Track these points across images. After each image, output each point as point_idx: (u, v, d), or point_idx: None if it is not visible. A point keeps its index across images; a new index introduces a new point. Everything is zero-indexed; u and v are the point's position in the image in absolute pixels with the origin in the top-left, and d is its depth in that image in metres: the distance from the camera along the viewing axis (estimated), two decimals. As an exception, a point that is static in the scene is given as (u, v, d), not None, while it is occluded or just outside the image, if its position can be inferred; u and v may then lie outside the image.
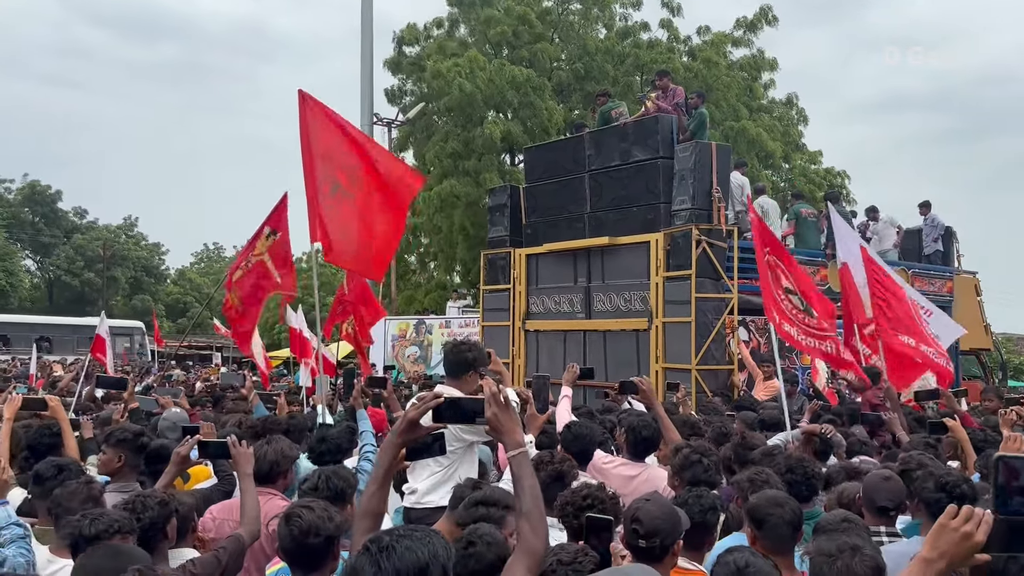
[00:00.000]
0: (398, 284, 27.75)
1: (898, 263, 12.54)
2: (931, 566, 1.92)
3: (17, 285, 52.08)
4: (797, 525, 3.12)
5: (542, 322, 11.67)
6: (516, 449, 2.38)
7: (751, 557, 2.53)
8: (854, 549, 2.47)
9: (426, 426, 2.48)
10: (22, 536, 3.10)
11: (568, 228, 11.40)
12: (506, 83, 23.81)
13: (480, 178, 23.79)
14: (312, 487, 3.44)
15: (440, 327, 20.02)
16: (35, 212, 55.09)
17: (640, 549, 2.77)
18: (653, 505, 2.85)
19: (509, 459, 2.40)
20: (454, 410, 2.48)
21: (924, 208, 13.84)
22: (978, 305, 13.88)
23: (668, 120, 10.58)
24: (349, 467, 4.13)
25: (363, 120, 22.78)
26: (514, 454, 2.38)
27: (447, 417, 2.47)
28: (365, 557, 1.80)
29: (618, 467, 4.53)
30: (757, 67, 28.49)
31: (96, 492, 3.36)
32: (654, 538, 2.76)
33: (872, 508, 3.56)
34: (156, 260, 61.62)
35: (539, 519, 2.31)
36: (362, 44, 22.19)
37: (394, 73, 27.46)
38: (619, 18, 28.04)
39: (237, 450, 3.64)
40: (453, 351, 4.63)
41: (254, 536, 3.41)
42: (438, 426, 2.50)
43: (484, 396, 2.44)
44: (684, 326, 9.71)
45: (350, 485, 3.54)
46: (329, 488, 3.42)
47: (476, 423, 2.49)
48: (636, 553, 2.80)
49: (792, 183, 27.32)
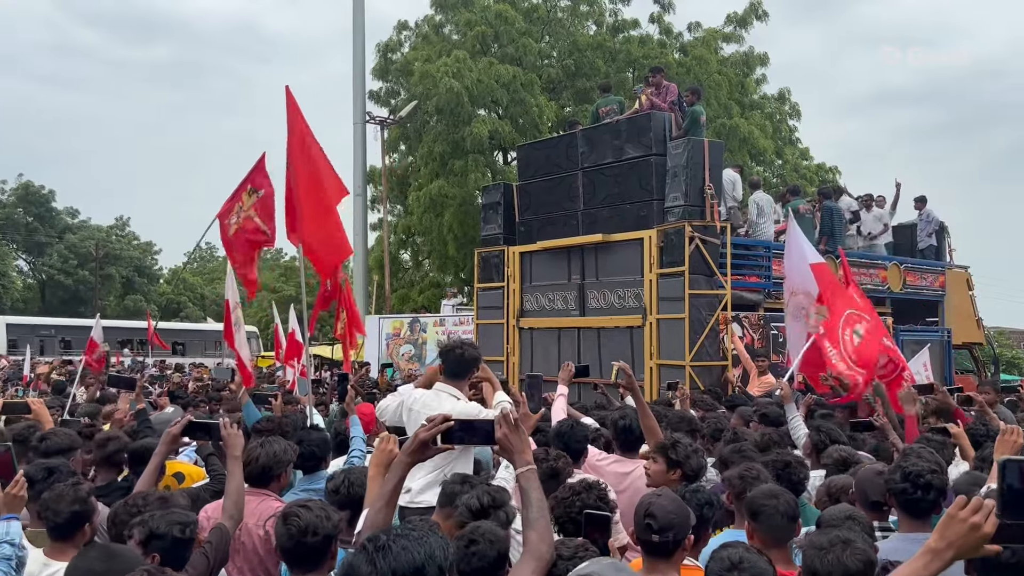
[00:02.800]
0: (392, 283, 27.74)
1: (890, 258, 12.58)
2: (938, 556, 1.94)
3: (9, 286, 51.88)
4: (793, 517, 3.14)
5: (536, 319, 11.69)
6: (525, 467, 2.50)
7: (745, 552, 2.54)
8: (845, 543, 2.49)
9: (435, 448, 2.54)
10: (7, 557, 3.06)
11: (562, 225, 11.41)
12: (494, 81, 23.79)
13: (468, 178, 23.79)
14: (334, 489, 3.49)
15: (434, 325, 20.02)
16: (28, 212, 54.85)
17: (653, 543, 2.79)
18: (666, 500, 2.88)
19: (518, 475, 2.51)
20: (466, 431, 2.56)
21: (919, 203, 13.86)
22: (970, 299, 13.92)
23: (661, 117, 10.60)
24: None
25: (355, 118, 22.76)
26: (523, 471, 2.49)
27: (458, 439, 2.55)
28: (362, 556, 1.81)
29: (611, 464, 4.54)
30: (748, 63, 28.53)
31: (84, 494, 3.34)
32: (668, 532, 2.79)
33: (865, 502, 3.57)
34: (149, 260, 61.41)
35: (546, 528, 2.43)
36: (354, 43, 22.16)
37: (382, 79, 27.52)
38: (608, 14, 28.04)
39: (228, 431, 3.62)
40: (451, 354, 4.64)
41: (236, 521, 3.40)
42: (447, 447, 2.55)
43: (494, 417, 2.54)
44: (678, 322, 9.73)
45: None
46: (350, 495, 3.46)
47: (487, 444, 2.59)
48: (648, 548, 2.82)
49: (784, 179, 27.39)
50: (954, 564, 1.97)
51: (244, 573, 3.62)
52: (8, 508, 3.29)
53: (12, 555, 3.09)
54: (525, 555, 2.36)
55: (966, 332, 13.50)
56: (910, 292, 12.49)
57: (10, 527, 3.16)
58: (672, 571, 2.84)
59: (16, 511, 3.27)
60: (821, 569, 2.44)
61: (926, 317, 13.03)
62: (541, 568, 2.34)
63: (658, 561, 2.82)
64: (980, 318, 14.15)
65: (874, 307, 8.00)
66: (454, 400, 4.70)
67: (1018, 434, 3.57)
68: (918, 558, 1.98)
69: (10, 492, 3.33)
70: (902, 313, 12.28)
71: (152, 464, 3.75)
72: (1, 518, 3.24)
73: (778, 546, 3.04)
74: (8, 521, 3.18)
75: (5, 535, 3.12)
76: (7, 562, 3.07)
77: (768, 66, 29.07)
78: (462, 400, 4.74)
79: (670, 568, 2.83)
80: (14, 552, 3.10)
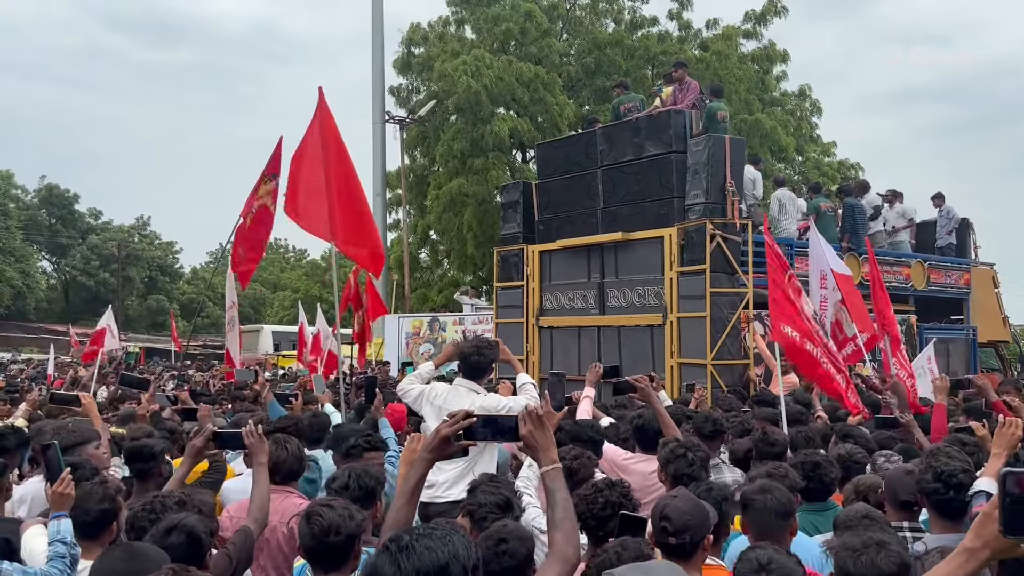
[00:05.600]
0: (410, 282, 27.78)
1: (914, 255, 12.43)
2: (975, 556, 1.90)
3: (34, 287, 52.49)
4: (785, 514, 3.11)
5: (556, 318, 11.64)
6: (550, 465, 2.43)
7: (774, 554, 2.51)
8: (880, 544, 2.44)
9: (458, 444, 2.49)
10: (61, 556, 3.07)
11: (581, 224, 11.36)
12: (515, 80, 23.75)
13: (488, 176, 23.77)
14: (343, 486, 3.44)
15: (454, 324, 20.04)
16: (52, 214, 55.49)
17: (670, 546, 2.76)
18: (681, 501, 2.84)
19: (543, 474, 2.45)
20: (489, 427, 2.49)
21: (938, 200, 13.62)
22: (996, 297, 13.75)
23: (681, 114, 10.52)
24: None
25: (375, 118, 22.84)
26: (548, 469, 2.43)
27: (481, 435, 2.48)
28: (385, 556, 1.78)
29: (638, 463, 4.51)
30: (769, 59, 28.33)
31: (112, 492, 3.35)
32: (684, 534, 2.76)
33: (895, 502, 3.51)
34: (170, 259, 61.92)
35: (572, 530, 2.36)
36: (372, 43, 22.27)
37: (403, 74, 27.52)
38: (627, 11, 27.95)
39: (252, 440, 3.57)
40: (470, 359, 4.67)
41: (261, 527, 3.39)
42: (469, 443, 2.51)
43: (519, 413, 2.47)
44: (699, 321, 9.66)
45: (379, 483, 3.55)
46: (360, 487, 3.43)
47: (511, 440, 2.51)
48: (666, 551, 2.79)
49: (805, 176, 27.19)
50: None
51: (268, 571, 3.62)
52: (57, 506, 3.30)
53: (66, 553, 3.11)
54: (551, 557, 2.30)
55: (992, 330, 13.32)
56: (934, 290, 12.34)
57: (60, 525, 3.18)
58: (694, 572, 2.80)
59: (64, 509, 3.28)
60: (855, 571, 2.40)
61: (951, 315, 12.87)
62: (567, 571, 2.27)
63: (677, 563, 2.78)
64: (1006, 315, 13.97)
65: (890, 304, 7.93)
66: (474, 395, 4.72)
67: (1017, 426, 3.49)
68: (954, 558, 1.94)
69: (57, 490, 3.35)
70: (926, 311, 12.14)
71: (178, 475, 3.69)
72: (51, 516, 3.27)
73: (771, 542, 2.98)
74: (59, 519, 3.20)
75: (57, 534, 3.14)
76: (62, 560, 3.09)
77: (789, 63, 28.91)
78: (481, 393, 4.76)
79: (691, 569, 2.79)
80: (67, 550, 3.12)
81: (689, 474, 3.76)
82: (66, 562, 3.07)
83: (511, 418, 2.48)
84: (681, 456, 3.84)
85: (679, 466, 3.81)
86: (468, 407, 3.14)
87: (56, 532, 3.12)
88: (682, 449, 3.88)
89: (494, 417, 2.57)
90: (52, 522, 3.17)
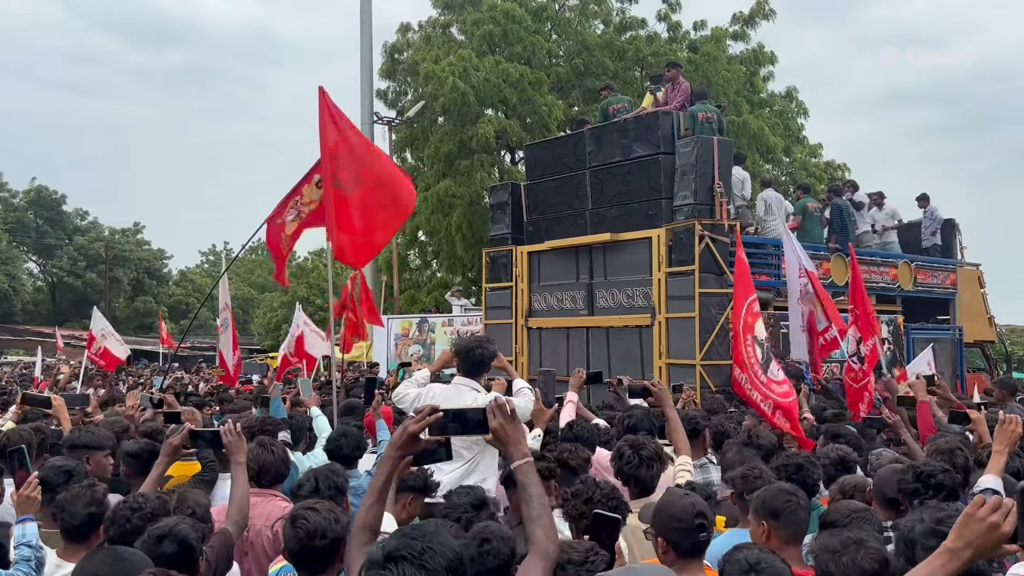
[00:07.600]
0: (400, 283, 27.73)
1: (901, 256, 12.49)
2: (956, 556, 1.90)
3: (20, 288, 52.11)
4: (809, 512, 3.11)
5: (545, 319, 11.64)
6: (521, 459, 2.37)
7: (760, 553, 2.50)
8: (858, 543, 2.44)
9: (425, 440, 2.43)
10: (27, 559, 3.03)
11: (570, 225, 11.36)
12: (502, 80, 23.72)
13: (474, 177, 23.72)
14: (313, 490, 3.41)
15: (443, 325, 20.01)
16: (39, 215, 55.10)
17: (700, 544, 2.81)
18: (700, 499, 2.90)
19: (515, 469, 2.38)
20: (458, 422, 2.41)
21: (923, 201, 13.67)
22: (982, 297, 13.81)
23: (669, 115, 10.55)
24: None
25: (363, 119, 22.75)
26: (519, 464, 2.36)
27: (451, 429, 2.41)
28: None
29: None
30: (757, 61, 28.41)
31: (99, 495, 3.32)
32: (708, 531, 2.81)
33: (882, 500, 3.52)
34: (158, 264, 61.56)
35: (549, 524, 2.31)
36: (361, 44, 22.15)
37: (390, 79, 27.49)
38: (616, 12, 27.96)
39: (230, 439, 3.54)
40: (471, 355, 4.63)
41: (241, 527, 3.36)
42: (439, 438, 2.44)
43: (487, 406, 2.41)
44: (688, 322, 9.67)
45: (346, 479, 3.60)
46: (330, 487, 3.42)
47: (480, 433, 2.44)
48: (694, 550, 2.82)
49: (792, 177, 27.28)
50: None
51: (252, 574, 3.60)
52: (22, 510, 3.27)
53: (31, 556, 3.07)
54: (533, 554, 2.26)
55: (978, 330, 13.39)
56: (921, 290, 12.40)
57: (25, 529, 3.15)
58: (699, 570, 2.83)
59: (30, 512, 3.25)
60: (837, 572, 2.39)
61: (937, 315, 12.93)
62: (549, 567, 2.23)
63: (691, 561, 2.80)
64: (992, 316, 14.03)
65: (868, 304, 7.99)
66: (475, 393, 4.67)
67: (1017, 423, 3.51)
68: (935, 558, 1.94)
69: (24, 493, 3.32)
70: (913, 311, 12.18)
71: (153, 475, 3.64)
72: (16, 520, 3.23)
73: (795, 544, 3.00)
74: (24, 523, 3.17)
75: (22, 537, 3.11)
76: (27, 563, 3.05)
77: (776, 64, 28.99)
78: (482, 392, 4.71)
79: (699, 567, 2.82)
80: (32, 553, 3.09)
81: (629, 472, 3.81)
82: (31, 565, 3.04)
83: (479, 411, 2.41)
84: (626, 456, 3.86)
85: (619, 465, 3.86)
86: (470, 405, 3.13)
87: (21, 535, 3.08)
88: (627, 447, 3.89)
89: (462, 411, 2.49)
90: (17, 526, 3.14)
